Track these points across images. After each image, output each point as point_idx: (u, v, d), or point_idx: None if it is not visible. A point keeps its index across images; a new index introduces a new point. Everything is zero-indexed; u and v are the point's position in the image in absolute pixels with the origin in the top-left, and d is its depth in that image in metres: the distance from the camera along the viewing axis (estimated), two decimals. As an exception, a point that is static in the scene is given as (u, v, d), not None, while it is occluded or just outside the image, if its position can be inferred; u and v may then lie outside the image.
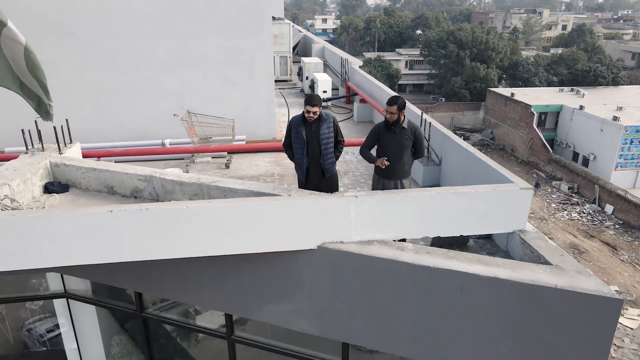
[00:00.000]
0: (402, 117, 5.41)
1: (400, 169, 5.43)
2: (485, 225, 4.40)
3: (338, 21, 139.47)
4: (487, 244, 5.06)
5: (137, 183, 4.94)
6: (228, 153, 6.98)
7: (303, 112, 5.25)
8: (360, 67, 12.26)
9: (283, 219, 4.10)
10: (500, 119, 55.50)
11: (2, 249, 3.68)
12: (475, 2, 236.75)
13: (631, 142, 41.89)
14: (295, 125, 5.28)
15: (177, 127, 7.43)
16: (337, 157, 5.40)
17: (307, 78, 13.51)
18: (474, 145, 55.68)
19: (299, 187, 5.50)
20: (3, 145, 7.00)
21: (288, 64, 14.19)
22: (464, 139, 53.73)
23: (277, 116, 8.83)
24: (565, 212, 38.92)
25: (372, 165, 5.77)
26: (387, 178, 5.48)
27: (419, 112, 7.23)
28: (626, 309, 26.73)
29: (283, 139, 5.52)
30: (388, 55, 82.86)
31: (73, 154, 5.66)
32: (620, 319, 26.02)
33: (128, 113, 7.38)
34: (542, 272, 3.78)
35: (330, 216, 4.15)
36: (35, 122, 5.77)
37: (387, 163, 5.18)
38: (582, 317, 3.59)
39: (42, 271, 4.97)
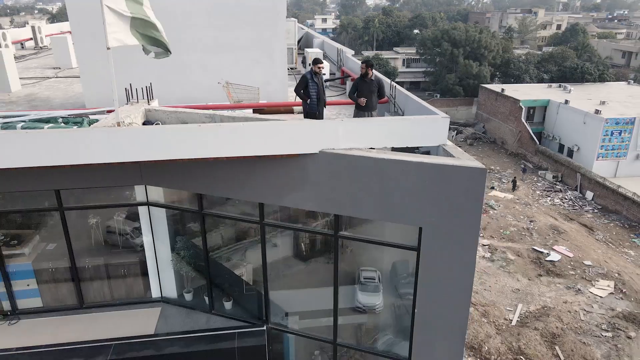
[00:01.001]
0: (370, 72, 8.34)
1: (370, 105, 8.38)
2: (423, 140, 7.15)
3: (337, 21, 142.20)
4: (427, 157, 7.79)
5: (204, 119, 7.60)
6: (254, 112, 9.68)
7: (310, 70, 8.19)
8: (352, 55, 15.05)
9: (298, 133, 6.83)
10: (492, 113, 58.28)
11: (144, 147, 6.44)
12: (473, 2, 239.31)
13: (611, 133, 44.59)
14: (310, 77, 8.30)
15: (216, 95, 10.16)
16: None
17: (309, 65, 16.21)
18: (466, 138, 58.50)
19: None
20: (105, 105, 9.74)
21: (293, 55, 16.92)
22: (457, 133, 55.73)
23: (288, 90, 11.58)
24: (549, 198, 41.69)
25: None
26: (362, 110, 8.44)
27: (388, 80, 9.99)
28: (597, 281, 29.44)
29: (296, 86, 8.52)
30: (386, 54, 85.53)
31: (155, 105, 8.37)
32: (591, 289, 28.74)
33: (181, 84, 10.12)
34: (448, 160, 6.52)
35: (326, 132, 6.88)
36: (130, 84, 8.53)
37: (365, 100, 8.21)
38: (466, 181, 6.33)
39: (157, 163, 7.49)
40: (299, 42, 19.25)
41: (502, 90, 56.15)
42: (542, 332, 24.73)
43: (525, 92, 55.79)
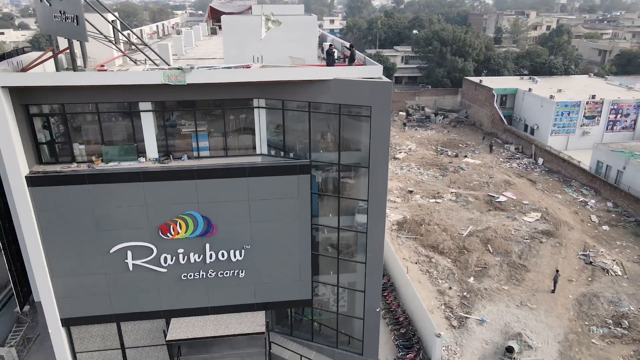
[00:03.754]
0: (352, 49, 19.83)
1: (351, 61, 19.87)
2: (372, 75, 18.51)
3: (344, 22, 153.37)
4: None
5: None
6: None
7: (329, 48, 19.61)
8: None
9: (326, 71, 18.18)
10: (472, 100, 69.44)
11: (271, 74, 17.89)
12: (477, 4, 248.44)
13: (562, 114, 55.77)
14: (329, 50, 19.61)
15: (283, 62, 21.56)
16: None
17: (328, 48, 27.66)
18: (450, 122, 69.66)
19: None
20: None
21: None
22: (443, 117, 66.82)
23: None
24: (508, 163, 52.87)
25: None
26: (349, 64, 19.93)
27: (363, 56, 21.32)
28: (529, 213, 40.61)
29: (325, 52, 19.88)
30: (386, 52, 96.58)
31: (264, 64, 19.76)
32: (524, 217, 39.89)
33: (269, 57, 21.58)
34: (379, 80, 17.90)
35: (336, 71, 18.23)
36: (253, 56, 20.05)
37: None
38: (384, 87, 17.69)
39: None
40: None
41: (480, 81, 67.37)
42: (481, 238, 36.05)
43: (501, 83, 66.94)
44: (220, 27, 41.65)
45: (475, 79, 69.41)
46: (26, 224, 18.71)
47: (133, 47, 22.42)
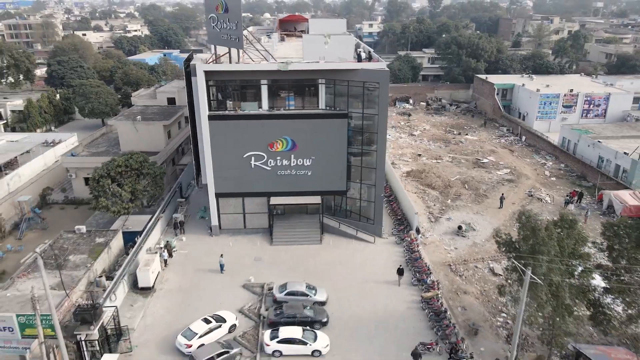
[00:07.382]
0: (371, 54, 37.70)
1: (370, 60, 37.75)
2: (382, 67, 36.20)
3: (382, 25, 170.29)
4: (382, 71, 36.81)
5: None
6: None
7: (360, 51, 37.57)
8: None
9: (358, 64, 36.13)
10: (480, 93, 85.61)
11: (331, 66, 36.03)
12: (514, 7, 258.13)
13: (544, 104, 71.46)
14: (360, 53, 37.53)
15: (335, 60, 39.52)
16: None
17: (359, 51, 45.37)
18: (461, 111, 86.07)
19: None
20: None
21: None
22: (456, 107, 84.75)
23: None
24: (498, 140, 69.24)
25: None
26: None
27: (377, 55, 38.75)
28: (502, 169, 57.18)
29: (357, 54, 37.88)
30: (415, 54, 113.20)
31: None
32: (497, 172, 56.56)
33: (326, 58, 39.70)
34: (384, 70, 35.60)
35: (362, 64, 36.11)
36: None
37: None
38: (384, 72, 35.43)
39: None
40: (354, 46, 48.55)
41: (486, 77, 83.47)
42: (462, 180, 53.15)
43: (503, 80, 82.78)
44: (287, 36, 60.66)
45: (483, 76, 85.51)
46: (205, 141, 37.67)
47: (249, 46, 41.03)
